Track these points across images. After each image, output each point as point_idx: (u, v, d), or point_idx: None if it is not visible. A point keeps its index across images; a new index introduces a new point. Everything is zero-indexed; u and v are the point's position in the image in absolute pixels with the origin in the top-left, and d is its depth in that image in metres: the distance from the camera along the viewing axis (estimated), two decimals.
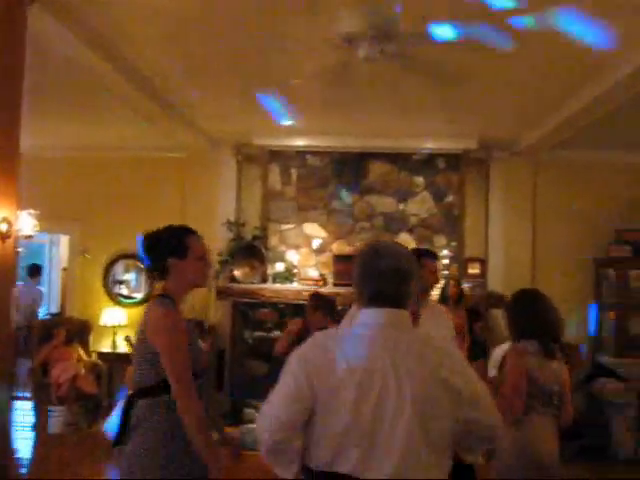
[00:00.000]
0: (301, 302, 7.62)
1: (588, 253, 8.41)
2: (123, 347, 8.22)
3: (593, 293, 8.38)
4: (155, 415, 2.69)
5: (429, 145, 8.27)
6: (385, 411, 2.00)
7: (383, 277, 2.17)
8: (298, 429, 2.06)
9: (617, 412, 6.99)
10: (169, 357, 2.66)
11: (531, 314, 3.65)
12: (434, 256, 4.28)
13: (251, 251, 8.23)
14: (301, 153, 8.45)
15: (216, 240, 7.88)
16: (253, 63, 5.54)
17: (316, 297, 5.66)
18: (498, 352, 7.19)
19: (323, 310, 5.41)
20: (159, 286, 2.86)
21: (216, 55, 5.39)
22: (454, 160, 8.39)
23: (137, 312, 8.55)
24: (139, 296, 8.86)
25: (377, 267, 2.18)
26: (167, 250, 2.82)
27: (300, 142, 8.29)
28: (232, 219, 8.36)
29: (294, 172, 8.50)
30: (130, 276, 8.94)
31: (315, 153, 8.44)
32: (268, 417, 2.10)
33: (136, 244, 2.97)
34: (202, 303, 8.09)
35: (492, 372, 7.05)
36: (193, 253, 2.85)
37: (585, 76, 5.67)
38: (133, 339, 2.91)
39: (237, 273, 8.19)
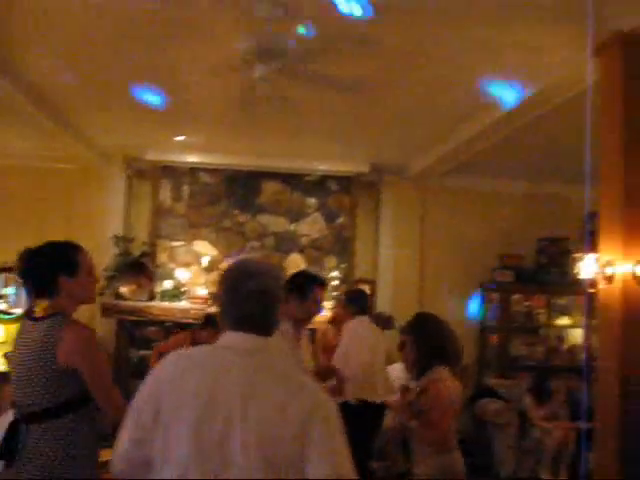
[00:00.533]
0: (190, 320, 7.52)
1: (474, 277, 8.65)
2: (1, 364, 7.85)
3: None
4: (53, 440, 2.58)
5: (322, 167, 8.36)
6: (227, 442, 1.84)
7: (248, 299, 2.01)
8: (136, 461, 1.93)
9: (499, 432, 7.16)
10: (99, 376, 2.66)
11: (436, 339, 3.65)
12: (324, 284, 4.25)
13: (138, 267, 8.05)
14: (193, 170, 8.38)
15: (102, 255, 7.68)
16: (146, 77, 5.47)
17: (207, 315, 5.78)
18: (390, 373, 7.31)
19: (212, 327, 5.38)
20: (44, 304, 2.74)
21: (108, 68, 5.29)
22: (346, 182, 8.51)
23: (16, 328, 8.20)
24: (18, 312, 8.48)
25: (242, 288, 2.02)
26: (57, 267, 2.74)
27: (192, 158, 8.22)
28: (120, 234, 8.16)
29: (185, 189, 8.40)
30: (9, 290, 8.56)
31: (207, 170, 8.38)
32: (116, 452, 1.97)
33: (17, 259, 2.85)
34: (86, 320, 7.81)
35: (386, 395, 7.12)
36: (83, 270, 2.79)
37: (472, 107, 5.88)
38: (16, 357, 2.74)
39: (123, 290, 7.98)
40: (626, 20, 3.82)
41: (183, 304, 8.00)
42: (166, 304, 7.96)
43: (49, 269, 2.74)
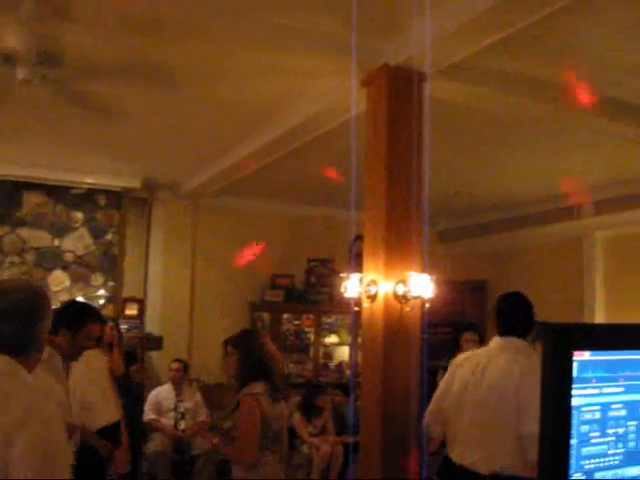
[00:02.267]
0: None
1: (246, 296, 8.73)
2: None
3: None
4: None
5: (89, 180, 7.96)
6: None
7: (2, 318, 1.95)
8: None
9: None
10: None
11: (259, 355, 3.62)
12: (100, 320, 3.93)
13: None
14: None
15: None
16: None
17: None
18: (154, 395, 7.11)
19: None
20: None
21: None
22: (116, 197, 8.18)
23: None
24: None
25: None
26: None
27: None
28: None
29: None
30: None
31: None
32: None
33: None
34: None
35: (149, 415, 6.91)
36: None
37: (243, 128, 5.93)
38: None
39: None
40: (392, 54, 4.06)
41: None
42: None
43: None
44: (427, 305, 4.02)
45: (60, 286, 7.77)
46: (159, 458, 6.60)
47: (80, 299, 7.43)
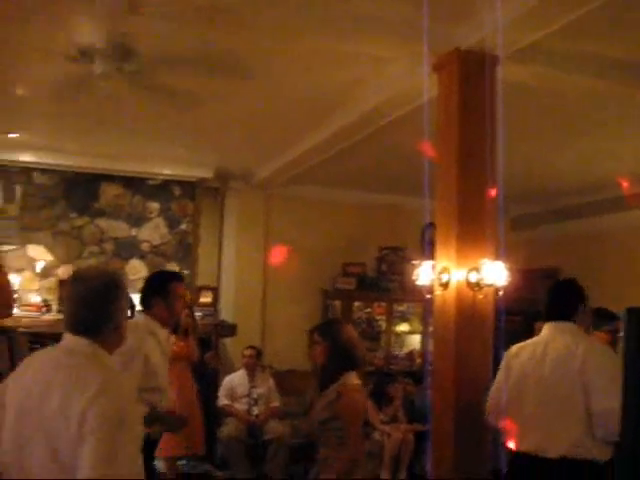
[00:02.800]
0: (23, 330, 7.06)
1: (317, 284, 8.77)
2: None
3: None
4: None
5: (165, 171, 8.17)
6: (29, 442, 1.97)
7: (78, 302, 2.13)
8: None
9: None
10: None
11: (346, 345, 3.64)
12: (181, 279, 4.09)
13: None
14: (27, 169, 7.89)
15: None
16: None
17: None
18: (228, 380, 7.26)
19: None
20: None
21: None
22: (190, 188, 8.36)
23: None
24: None
25: (73, 292, 2.16)
26: None
27: (26, 157, 7.74)
28: None
29: (18, 189, 7.90)
30: None
31: (43, 170, 7.93)
32: None
33: None
34: None
35: (223, 400, 7.06)
36: None
37: (315, 117, 5.95)
38: None
39: None
40: (463, 38, 4.00)
41: (15, 312, 7.48)
42: None
43: None
44: (500, 293, 3.97)
45: (137, 275, 7.99)
46: (233, 442, 6.74)
47: None
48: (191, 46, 4.56)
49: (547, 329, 3.39)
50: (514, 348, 3.50)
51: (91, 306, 2.11)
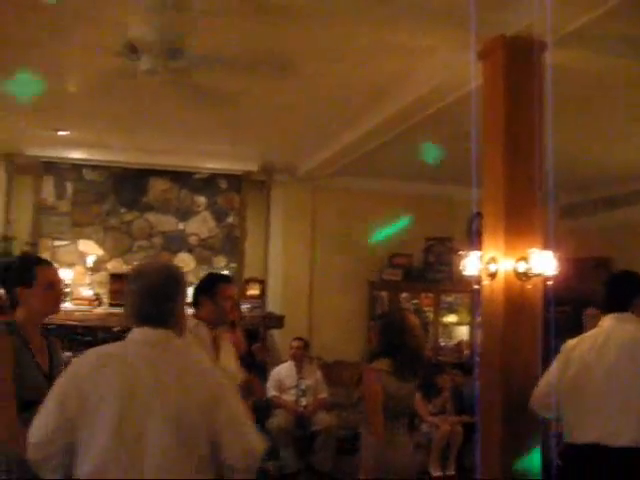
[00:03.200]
0: (74, 324, 7.23)
1: (364, 275, 8.77)
2: None
3: (367, 314, 8.72)
4: None
5: (211, 165, 8.25)
6: (145, 429, 2.02)
7: (143, 296, 2.20)
8: (58, 448, 2.07)
9: None
10: None
11: (395, 332, 3.79)
12: (229, 280, 4.19)
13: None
14: (77, 166, 8.06)
15: None
16: (23, 64, 5.15)
17: None
18: (276, 372, 7.30)
19: None
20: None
21: None
22: (236, 181, 8.43)
23: None
24: None
25: (138, 287, 2.21)
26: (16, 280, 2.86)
27: (76, 154, 7.92)
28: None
29: (69, 185, 8.07)
30: None
31: (93, 167, 8.09)
32: (35, 436, 2.11)
33: None
34: None
35: (271, 392, 7.11)
36: (40, 282, 2.85)
37: (361, 109, 5.94)
38: None
39: (2, 292, 7.56)
40: (508, 24, 3.94)
41: (66, 305, 7.66)
42: None
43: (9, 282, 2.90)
44: (549, 282, 3.91)
45: (186, 268, 8.10)
46: (281, 433, 6.77)
47: None
48: (237, 42, 4.58)
49: (608, 320, 3.36)
50: (572, 341, 3.45)
51: (157, 300, 2.20)
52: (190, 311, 3.88)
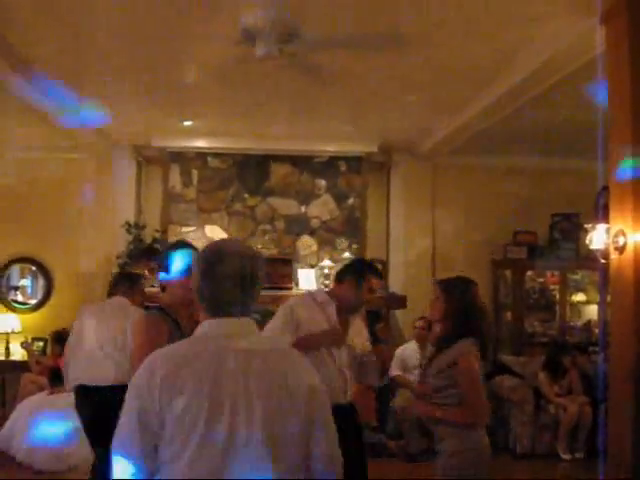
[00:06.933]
0: None
1: (486, 254, 8.62)
2: (19, 354, 7.88)
3: (491, 293, 8.56)
4: None
5: (330, 148, 8.31)
6: (236, 432, 1.83)
7: (225, 283, 1.95)
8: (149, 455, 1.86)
9: (515, 408, 7.13)
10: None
11: (469, 307, 3.52)
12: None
13: (151, 254, 8.05)
14: (202, 154, 8.34)
15: (115, 243, 7.76)
16: (149, 61, 5.41)
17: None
18: (399, 352, 7.32)
19: None
20: None
21: (110, 53, 5.20)
22: (355, 163, 8.45)
23: (32, 318, 8.25)
24: (34, 302, 8.52)
25: (218, 272, 1.95)
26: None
27: (200, 143, 8.19)
28: (132, 221, 8.18)
29: (195, 174, 8.37)
30: (26, 282, 8.59)
31: (216, 155, 8.35)
32: (121, 437, 1.88)
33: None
34: None
35: (395, 371, 7.14)
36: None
37: (479, 83, 5.81)
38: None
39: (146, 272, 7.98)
40: None
41: None
42: None
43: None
44: None
45: (308, 250, 8.26)
46: (405, 413, 6.79)
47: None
48: (350, 20, 4.55)
49: None
50: None
51: (252, 283, 1.99)
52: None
